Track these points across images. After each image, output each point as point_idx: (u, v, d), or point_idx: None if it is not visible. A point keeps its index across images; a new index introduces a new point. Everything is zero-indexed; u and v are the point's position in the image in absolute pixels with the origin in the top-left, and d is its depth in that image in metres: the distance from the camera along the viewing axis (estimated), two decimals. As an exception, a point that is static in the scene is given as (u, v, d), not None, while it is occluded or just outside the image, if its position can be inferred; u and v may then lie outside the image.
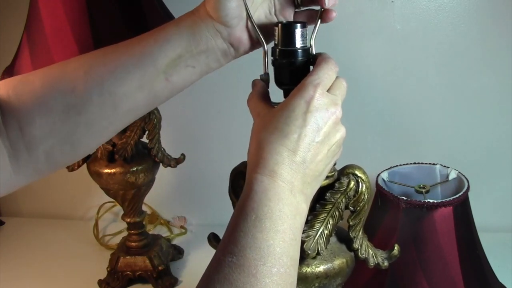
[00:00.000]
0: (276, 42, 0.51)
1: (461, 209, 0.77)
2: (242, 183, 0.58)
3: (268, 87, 0.52)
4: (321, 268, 0.57)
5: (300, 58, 0.50)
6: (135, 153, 0.95)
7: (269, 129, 0.45)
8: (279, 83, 0.52)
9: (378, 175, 0.85)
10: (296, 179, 0.45)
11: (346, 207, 0.58)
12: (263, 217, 0.42)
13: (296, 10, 0.54)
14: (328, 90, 0.47)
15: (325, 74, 0.47)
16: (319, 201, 0.57)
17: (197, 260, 1.09)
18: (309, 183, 0.46)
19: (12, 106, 0.51)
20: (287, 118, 0.45)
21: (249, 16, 0.51)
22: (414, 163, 0.89)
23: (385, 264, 0.60)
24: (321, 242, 0.57)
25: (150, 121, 0.94)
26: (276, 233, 0.42)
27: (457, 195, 0.76)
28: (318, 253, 0.56)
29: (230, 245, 0.42)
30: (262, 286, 0.40)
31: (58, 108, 0.51)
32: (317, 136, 0.45)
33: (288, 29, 0.50)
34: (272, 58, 0.52)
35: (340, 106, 0.47)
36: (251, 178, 0.44)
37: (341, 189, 0.57)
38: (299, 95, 0.45)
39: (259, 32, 0.51)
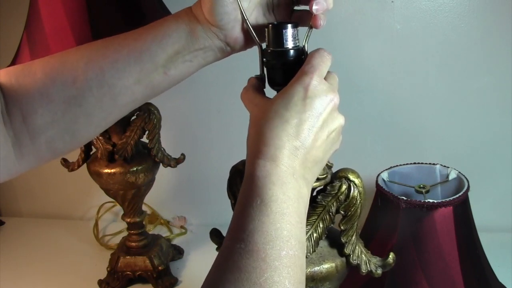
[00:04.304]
0: (268, 43, 0.51)
1: (461, 209, 0.77)
2: (239, 181, 0.58)
3: (264, 86, 0.52)
4: (308, 271, 0.56)
5: (292, 58, 0.50)
6: (135, 153, 0.95)
7: (268, 116, 0.46)
8: (272, 83, 0.52)
9: (378, 175, 0.85)
10: (297, 164, 0.45)
11: (338, 211, 0.58)
12: (268, 201, 0.42)
13: (294, 8, 0.54)
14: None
15: (320, 62, 0.47)
16: (311, 204, 0.57)
17: (197, 260, 1.10)
18: (309, 168, 0.46)
19: (16, 95, 0.52)
20: (286, 104, 0.45)
21: (244, 19, 0.51)
22: (414, 163, 0.89)
23: (378, 272, 0.59)
24: (308, 245, 0.56)
25: (150, 121, 0.94)
26: (283, 216, 0.42)
27: (457, 195, 0.76)
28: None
29: (237, 231, 0.42)
30: (272, 269, 0.40)
31: (60, 99, 0.52)
32: (317, 122, 0.46)
33: (279, 30, 0.50)
34: (264, 59, 0.51)
35: (337, 93, 0.48)
36: (253, 164, 0.44)
37: (332, 192, 0.57)
38: (297, 82, 0.46)
39: (254, 34, 0.51)
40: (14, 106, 0.52)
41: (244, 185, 0.45)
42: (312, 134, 0.45)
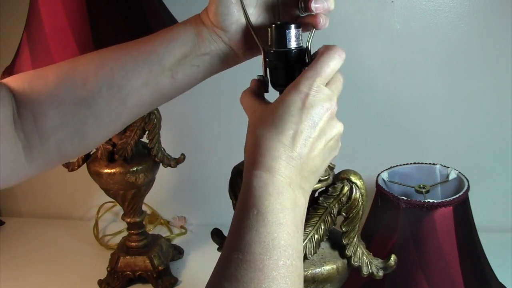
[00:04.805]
0: (270, 44, 0.50)
1: (461, 209, 0.77)
2: (239, 181, 0.58)
3: (267, 91, 0.52)
4: (309, 272, 0.56)
5: (294, 58, 0.50)
6: (135, 153, 0.95)
7: (265, 125, 0.45)
8: (274, 84, 0.52)
9: (378, 175, 0.85)
10: (294, 174, 0.45)
11: (339, 213, 0.57)
12: (264, 211, 0.42)
13: (301, 15, 0.53)
14: (327, 83, 0.47)
15: (325, 66, 0.46)
16: (312, 205, 0.57)
17: (197, 260, 1.09)
18: (306, 177, 0.46)
19: (27, 98, 0.53)
20: (282, 114, 0.45)
21: (247, 21, 0.51)
22: (414, 163, 0.89)
23: (380, 274, 0.58)
24: (310, 246, 0.56)
25: (150, 121, 0.94)
26: (279, 226, 0.42)
27: (457, 195, 0.76)
28: (305, 257, 0.56)
29: (235, 242, 0.42)
30: (269, 279, 0.40)
31: (69, 101, 0.52)
32: (313, 132, 0.45)
33: (281, 30, 0.49)
34: (267, 59, 0.51)
35: (335, 101, 0.47)
36: (250, 174, 0.44)
37: (334, 194, 0.57)
38: (294, 91, 0.45)
39: (256, 37, 0.51)
40: (26, 109, 0.52)
41: (241, 195, 0.45)
42: (308, 144, 0.45)
